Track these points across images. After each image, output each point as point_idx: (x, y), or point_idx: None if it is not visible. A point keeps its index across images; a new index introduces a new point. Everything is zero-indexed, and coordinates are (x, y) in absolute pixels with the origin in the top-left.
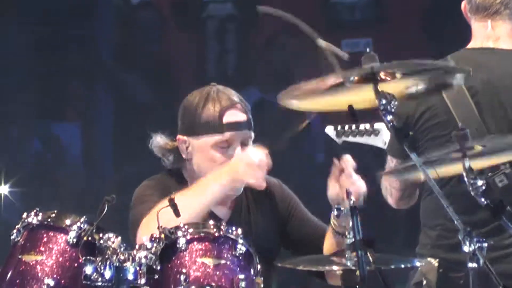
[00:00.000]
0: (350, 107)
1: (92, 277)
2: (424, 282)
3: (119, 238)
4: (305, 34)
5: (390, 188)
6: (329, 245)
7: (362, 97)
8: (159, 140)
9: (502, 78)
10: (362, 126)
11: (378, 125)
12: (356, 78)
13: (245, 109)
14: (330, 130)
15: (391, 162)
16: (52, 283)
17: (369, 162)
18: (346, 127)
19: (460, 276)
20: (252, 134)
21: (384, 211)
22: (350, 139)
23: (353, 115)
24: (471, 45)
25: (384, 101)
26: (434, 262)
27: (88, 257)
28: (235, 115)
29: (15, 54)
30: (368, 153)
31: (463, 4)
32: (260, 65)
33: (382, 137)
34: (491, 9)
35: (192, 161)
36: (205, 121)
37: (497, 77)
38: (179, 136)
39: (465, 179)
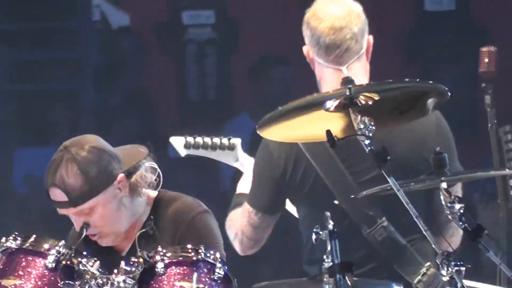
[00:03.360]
0: (328, 131)
1: None
2: None
3: (98, 262)
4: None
5: (242, 236)
6: None
7: (341, 124)
8: None
9: None
10: (217, 139)
11: (235, 140)
12: (334, 103)
13: (68, 187)
14: (176, 141)
15: (254, 216)
16: None
17: None
18: (198, 138)
19: None
20: (86, 206)
21: None
22: (199, 152)
23: (331, 140)
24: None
25: (362, 126)
26: None
27: (67, 281)
28: (54, 195)
29: None
30: None
31: (305, 50)
32: (247, 91)
33: (236, 153)
34: (342, 46)
35: None
36: None
37: None
38: None
39: (443, 202)
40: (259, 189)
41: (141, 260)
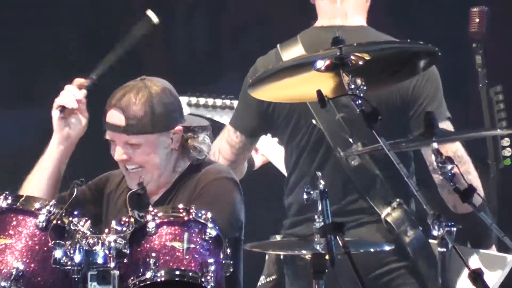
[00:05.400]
0: (319, 91)
1: (61, 261)
2: None
3: (89, 221)
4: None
5: (218, 155)
6: None
7: (332, 84)
8: None
9: None
10: (219, 100)
11: (236, 101)
12: (324, 64)
13: (131, 113)
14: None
15: (233, 134)
16: (21, 266)
17: None
18: (201, 98)
19: None
20: (138, 139)
21: None
22: (200, 111)
23: (321, 100)
24: (318, 23)
25: (353, 86)
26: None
27: (57, 241)
28: (112, 117)
29: None
30: None
31: None
32: (234, 53)
33: None
34: None
35: None
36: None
37: None
38: None
39: (433, 162)
40: (242, 111)
41: (132, 220)
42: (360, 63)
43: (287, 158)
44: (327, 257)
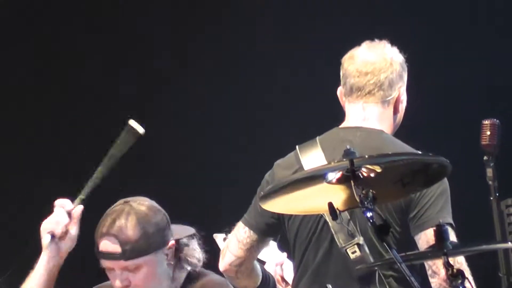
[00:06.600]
0: (330, 204)
1: None
2: None
3: None
4: None
5: (226, 250)
6: None
7: (344, 194)
8: None
9: (361, 152)
10: None
11: None
12: (335, 176)
13: (124, 238)
14: (218, 237)
15: (242, 230)
16: None
17: None
18: None
19: None
20: (136, 262)
21: None
22: None
23: (333, 213)
24: (342, 125)
25: (364, 198)
26: None
27: None
28: (106, 245)
29: None
30: None
31: (339, 91)
32: None
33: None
34: (364, 90)
35: None
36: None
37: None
38: None
39: (445, 277)
40: (253, 209)
41: None
42: (372, 175)
43: (294, 253)
44: None
